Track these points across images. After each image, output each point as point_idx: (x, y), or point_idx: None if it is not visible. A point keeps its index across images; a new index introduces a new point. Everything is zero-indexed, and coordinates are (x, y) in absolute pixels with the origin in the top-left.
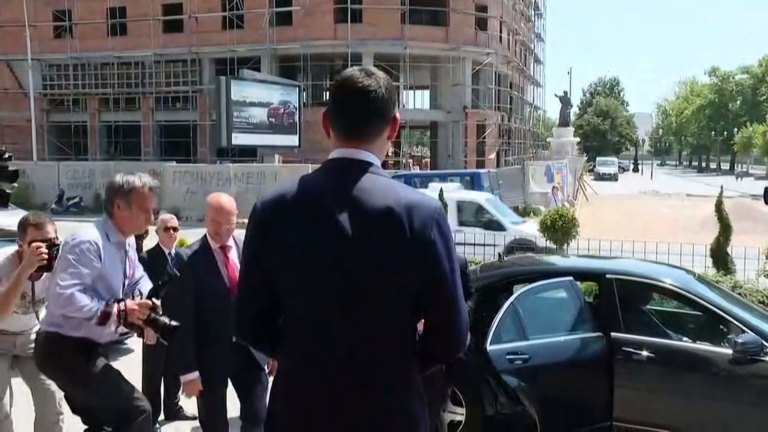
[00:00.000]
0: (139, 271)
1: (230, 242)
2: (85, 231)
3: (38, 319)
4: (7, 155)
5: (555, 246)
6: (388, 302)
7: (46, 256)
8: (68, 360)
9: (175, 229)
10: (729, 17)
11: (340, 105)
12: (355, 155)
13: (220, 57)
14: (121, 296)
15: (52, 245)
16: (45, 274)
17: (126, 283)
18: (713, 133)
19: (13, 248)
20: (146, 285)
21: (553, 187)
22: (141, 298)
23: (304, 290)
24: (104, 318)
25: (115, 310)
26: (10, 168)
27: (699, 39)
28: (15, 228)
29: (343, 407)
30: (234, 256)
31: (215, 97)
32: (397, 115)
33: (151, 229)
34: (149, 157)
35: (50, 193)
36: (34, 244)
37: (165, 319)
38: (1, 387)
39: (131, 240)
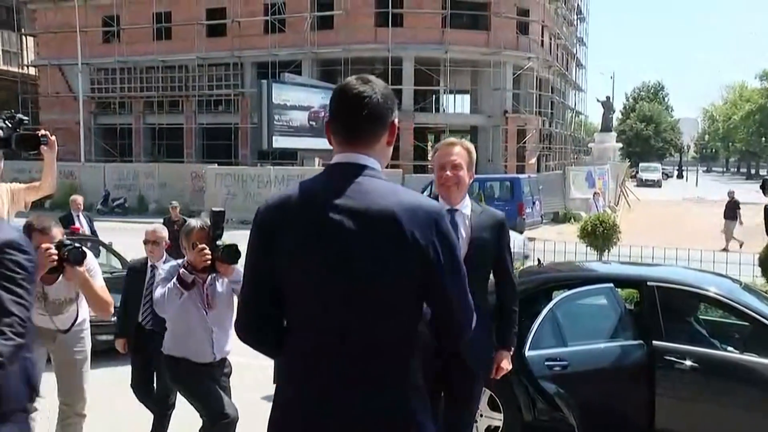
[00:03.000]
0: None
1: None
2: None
3: (55, 322)
4: (18, 117)
5: (595, 252)
6: (391, 301)
7: (56, 257)
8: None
9: (155, 243)
10: None
11: (338, 112)
12: (355, 159)
13: (262, 61)
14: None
15: (61, 245)
16: (61, 277)
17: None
18: (763, 139)
19: None
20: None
21: (595, 193)
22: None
23: (306, 291)
24: (182, 283)
25: (182, 270)
26: (25, 132)
27: (747, 43)
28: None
29: (345, 405)
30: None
31: (257, 100)
32: (396, 120)
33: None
34: (191, 160)
35: (96, 194)
36: (43, 246)
37: (220, 242)
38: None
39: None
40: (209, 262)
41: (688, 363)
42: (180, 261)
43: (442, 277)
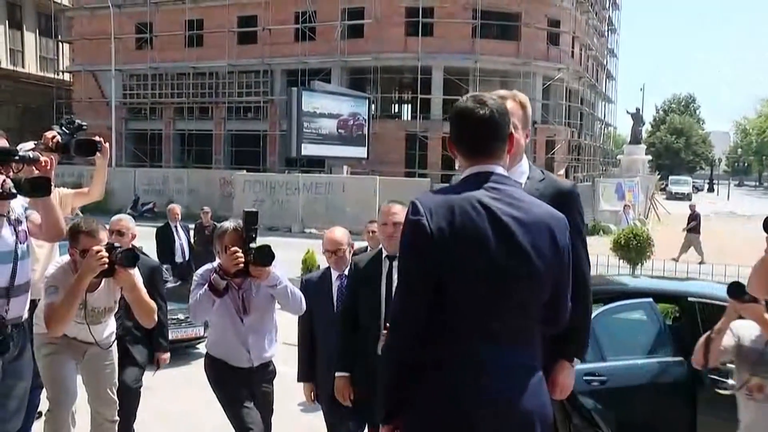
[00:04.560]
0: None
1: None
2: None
3: (92, 332)
4: (77, 123)
5: (629, 265)
6: (542, 302)
7: (107, 260)
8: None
9: (120, 233)
10: None
11: (464, 134)
12: (492, 169)
13: (292, 68)
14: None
15: (111, 248)
16: (102, 285)
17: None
18: None
19: (66, 257)
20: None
21: (625, 206)
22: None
23: (479, 292)
24: (213, 289)
25: (213, 275)
26: (83, 138)
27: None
28: None
29: (527, 389)
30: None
31: (286, 107)
32: (512, 131)
33: None
34: (220, 166)
35: (127, 198)
36: (94, 248)
37: (254, 244)
38: (71, 388)
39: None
40: (242, 265)
41: (730, 382)
42: (214, 264)
43: (568, 276)
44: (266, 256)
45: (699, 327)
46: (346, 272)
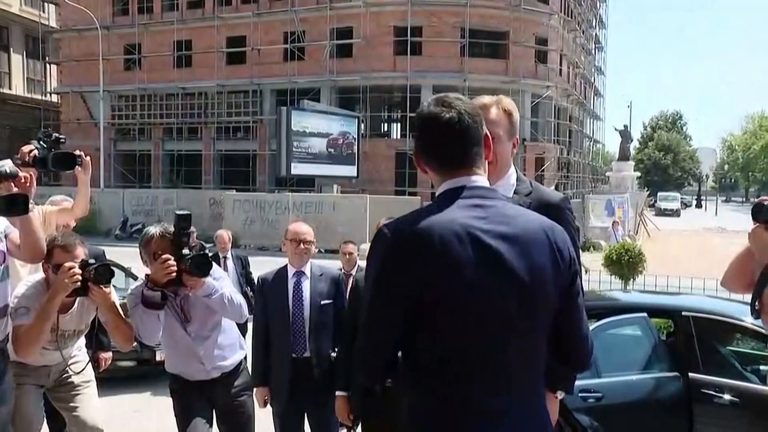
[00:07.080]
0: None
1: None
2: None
3: (63, 356)
4: (55, 136)
5: (621, 281)
6: (541, 324)
7: (80, 278)
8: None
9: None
10: None
11: (430, 143)
12: (473, 182)
13: (281, 88)
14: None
15: (85, 264)
16: (75, 305)
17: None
18: None
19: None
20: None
21: (614, 222)
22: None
23: (463, 319)
24: (150, 303)
25: (144, 290)
26: (61, 151)
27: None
28: None
29: (516, 417)
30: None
31: (275, 127)
32: (487, 133)
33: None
34: (209, 186)
35: (115, 220)
36: (66, 265)
37: (189, 250)
38: (37, 419)
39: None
40: (174, 275)
41: (727, 397)
42: (142, 278)
43: (579, 294)
44: (203, 265)
45: (694, 342)
46: (305, 270)
